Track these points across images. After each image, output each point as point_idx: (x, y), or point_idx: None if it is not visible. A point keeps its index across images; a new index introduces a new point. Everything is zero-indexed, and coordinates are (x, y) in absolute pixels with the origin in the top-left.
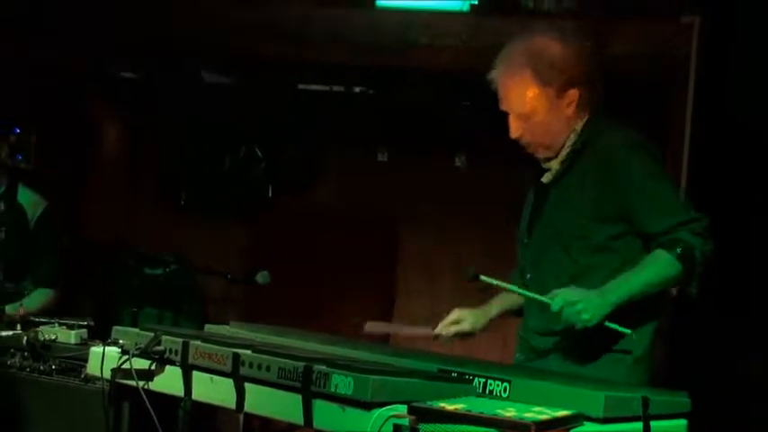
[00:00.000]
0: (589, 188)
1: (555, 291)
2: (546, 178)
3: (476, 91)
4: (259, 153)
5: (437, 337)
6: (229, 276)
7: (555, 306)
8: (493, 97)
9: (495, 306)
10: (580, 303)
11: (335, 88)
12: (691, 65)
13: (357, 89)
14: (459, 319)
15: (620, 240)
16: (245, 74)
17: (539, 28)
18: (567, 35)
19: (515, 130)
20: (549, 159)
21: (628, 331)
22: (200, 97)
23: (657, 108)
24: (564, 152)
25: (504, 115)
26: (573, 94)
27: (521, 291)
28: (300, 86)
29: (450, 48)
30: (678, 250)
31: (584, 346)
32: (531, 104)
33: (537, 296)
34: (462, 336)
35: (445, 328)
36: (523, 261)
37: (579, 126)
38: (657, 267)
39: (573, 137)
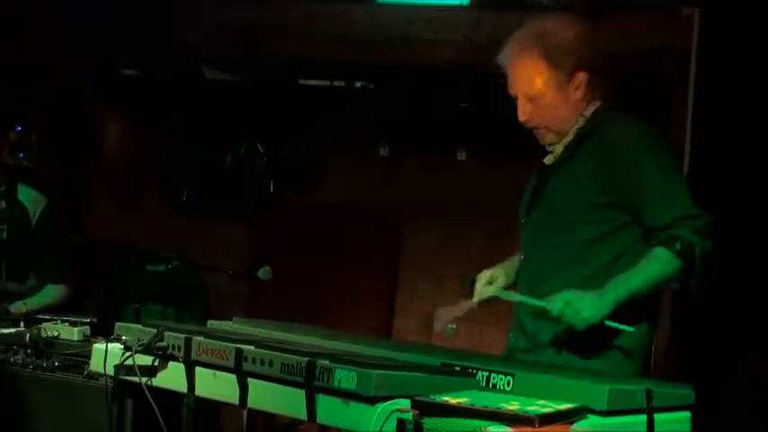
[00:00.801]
0: (592, 173)
1: (553, 295)
2: (548, 160)
3: (477, 85)
4: (260, 149)
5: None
6: (231, 272)
7: (555, 309)
8: (494, 91)
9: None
10: (579, 303)
11: (336, 83)
12: (691, 57)
13: (358, 84)
14: (493, 278)
15: (620, 230)
16: (245, 70)
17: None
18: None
19: (524, 113)
20: (554, 143)
21: (630, 329)
22: (202, 94)
23: (658, 101)
24: (570, 136)
25: (511, 101)
26: (581, 77)
27: (519, 297)
28: (301, 82)
29: (451, 42)
30: (677, 247)
31: (577, 336)
32: (541, 86)
33: (535, 301)
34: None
35: (484, 290)
36: (521, 242)
37: (588, 112)
38: (657, 266)
39: (581, 121)
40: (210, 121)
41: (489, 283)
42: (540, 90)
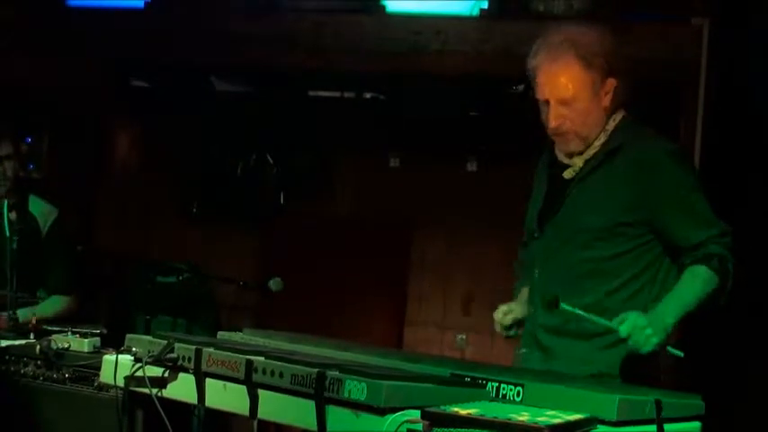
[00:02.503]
0: (620, 191)
1: (622, 315)
2: (568, 174)
3: (487, 95)
4: (270, 160)
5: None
6: (242, 283)
7: (624, 332)
8: (504, 101)
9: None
10: (649, 328)
11: (346, 94)
12: (701, 67)
13: (368, 95)
14: (509, 310)
15: (642, 246)
16: (256, 81)
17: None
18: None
19: (556, 117)
20: (574, 154)
21: (680, 354)
22: (212, 105)
23: (669, 111)
24: (591, 150)
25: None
26: (611, 83)
27: (596, 319)
28: (311, 93)
29: (460, 52)
30: (716, 264)
31: (586, 346)
32: (576, 88)
33: (601, 320)
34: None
35: (503, 318)
36: (532, 255)
37: (611, 126)
38: (701, 284)
39: (603, 136)
40: (221, 132)
41: (507, 313)
42: (575, 93)
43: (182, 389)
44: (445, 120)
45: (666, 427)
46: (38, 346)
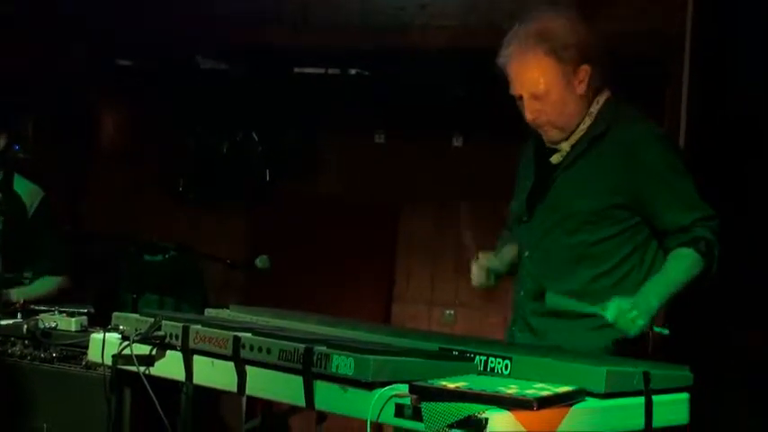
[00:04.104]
0: (607, 175)
1: (605, 303)
2: (555, 159)
3: (472, 70)
4: (256, 138)
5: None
6: (229, 262)
7: (610, 317)
8: (489, 76)
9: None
10: (634, 311)
11: (331, 71)
12: (686, 42)
13: (353, 72)
14: (487, 261)
15: (630, 230)
16: (240, 59)
17: (533, 7)
18: (566, 12)
19: (531, 112)
20: (558, 142)
21: (666, 332)
22: (197, 84)
23: (653, 87)
24: (577, 135)
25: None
26: (585, 69)
27: (582, 307)
28: (296, 70)
29: (445, 28)
30: (702, 248)
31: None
32: (547, 82)
33: (587, 307)
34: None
35: (481, 268)
36: (521, 239)
37: (595, 109)
38: (686, 267)
39: (588, 120)
40: (206, 110)
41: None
42: (547, 87)
43: (169, 366)
44: (431, 95)
45: (655, 398)
46: (25, 326)
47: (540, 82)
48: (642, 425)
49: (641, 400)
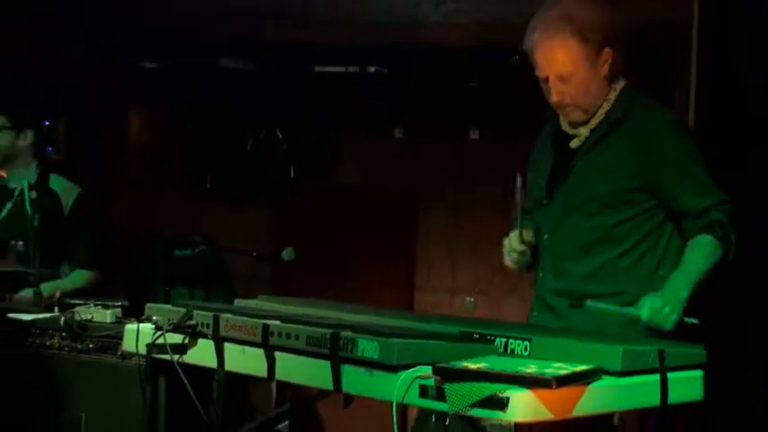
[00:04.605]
0: (625, 160)
1: (637, 304)
2: (575, 144)
3: (486, 65)
4: (280, 135)
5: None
6: (256, 254)
7: (645, 316)
8: (503, 70)
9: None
10: (667, 307)
11: (350, 69)
12: (693, 29)
13: (372, 69)
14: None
15: (646, 213)
16: (262, 59)
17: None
18: None
19: (557, 93)
20: (578, 125)
21: (695, 321)
22: (221, 84)
23: (661, 74)
24: (596, 120)
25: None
26: (607, 52)
27: (619, 309)
28: (317, 69)
29: (460, 25)
30: (719, 233)
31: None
32: (573, 63)
33: (622, 309)
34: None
35: (515, 244)
36: (541, 222)
37: (612, 96)
38: (707, 254)
39: (606, 106)
40: (231, 109)
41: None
42: (573, 68)
43: (202, 354)
44: (447, 90)
45: (670, 375)
46: (62, 319)
47: (566, 63)
48: (658, 401)
49: (657, 377)
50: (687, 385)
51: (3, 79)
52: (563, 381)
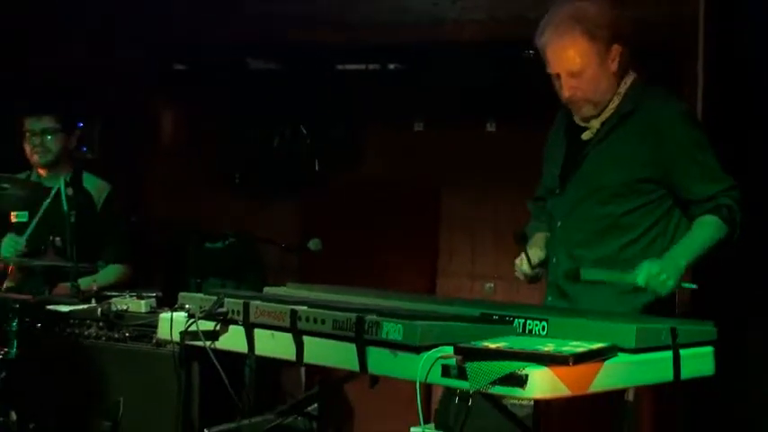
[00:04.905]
0: (636, 149)
1: (636, 269)
2: (586, 135)
3: (501, 60)
4: (304, 131)
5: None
6: (284, 245)
7: (641, 281)
8: (518, 64)
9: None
10: (663, 274)
11: (371, 67)
12: (699, 26)
13: (392, 66)
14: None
15: (655, 201)
16: (287, 59)
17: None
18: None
19: (568, 89)
20: (590, 118)
21: (694, 286)
22: (248, 84)
23: (668, 72)
24: (607, 113)
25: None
26: (616, 49)
27: (615, 276)
28: (339, 67)
29: (476, 21)
30: (725, 213)
31: (606, 291)
32: (583, 60)
33: (621, 276)
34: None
35: (525, 265)
36: (554, 210)
37: (623, 89)
38: (711, 231)
39: (616, 99)
40: (257, 108)
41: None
42: (583, 65)
43: (233, 340)
44: (464, 85)
45: (682, 352)
46: (99, 310)
47: (576, 60)
48: (671, 377)
49: (669, 354)
50: (699, 361)
51: (40, 84)
52: (580, 358)
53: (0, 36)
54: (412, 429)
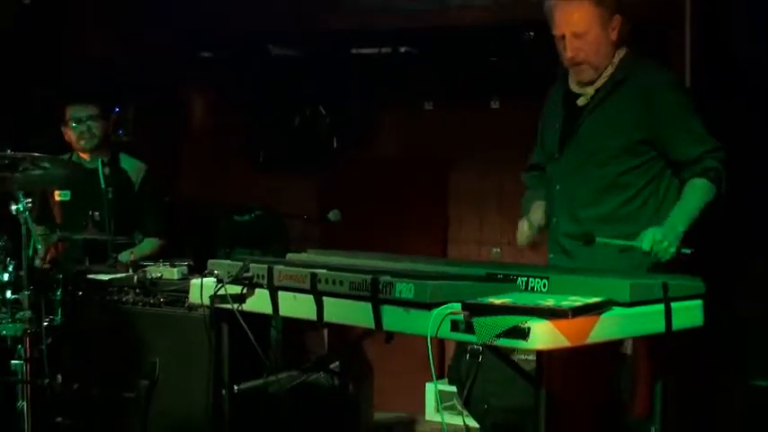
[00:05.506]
0: (628, 115)
1: (640, 236)
2: (582, 102)
3: (505, 41)
4: (323, 112)
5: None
6: (306, 217)
7: (646, 247)
8: (520, 46)
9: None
10: (666, 240)
11: (383, 50)
12: (685, 2)
13: (403, 50)
14: (529, 223)
15: (648, 163)
16: (305, 44)
17: None
18: None
19: (572, 50)
20: (586, 84)
21: (689, 251)
22: (270, 68)
23: (658, 44)
24: (601, 80)
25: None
26: (617, 19)
27: (624, 242)
28: (354, 51)
29: (481, 6)
30: (712, 176)
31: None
32: (588, 23)
33: (625, 242)
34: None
35: (527, 230)
36: (552, 174)
37: (616, 59)
38: (702, 194)
39: (610, 69)
40: (279, 91)
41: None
42: (587, 27)
43: (259, 302)
44: (470, 65)
45: (673, 305)
46: (135, 277)
47: (581, 22)
48: (663, 328)
49: (661, 307)
50: (689, 313)
51: (75, 73)
52: (578, 311)
53: (35, 27)
54: (427, 384)
